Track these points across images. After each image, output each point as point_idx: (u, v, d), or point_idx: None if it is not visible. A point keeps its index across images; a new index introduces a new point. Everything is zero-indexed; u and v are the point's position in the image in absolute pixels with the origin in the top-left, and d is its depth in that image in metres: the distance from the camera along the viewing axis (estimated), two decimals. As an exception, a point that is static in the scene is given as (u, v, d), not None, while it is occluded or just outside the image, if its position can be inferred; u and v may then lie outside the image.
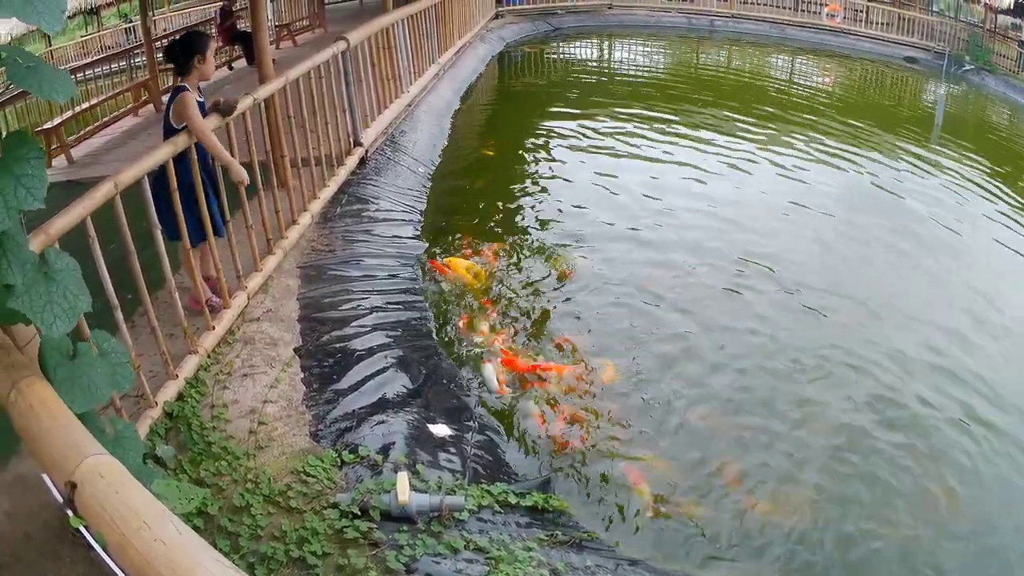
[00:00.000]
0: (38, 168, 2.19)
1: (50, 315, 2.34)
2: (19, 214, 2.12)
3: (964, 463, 5.36)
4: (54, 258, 2.45)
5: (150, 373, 4.49)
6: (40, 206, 2.17)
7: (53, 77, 2.20)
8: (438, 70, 13.33)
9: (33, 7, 1.97)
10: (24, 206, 2.13)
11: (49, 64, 2.28)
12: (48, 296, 2.36)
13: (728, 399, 5.88)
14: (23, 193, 2.14)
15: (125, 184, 4.11)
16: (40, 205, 2.17)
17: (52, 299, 2.37)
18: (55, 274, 2.42)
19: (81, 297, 2.46)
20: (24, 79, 2.12)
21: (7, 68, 2.12)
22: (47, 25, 2.01)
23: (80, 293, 2.47)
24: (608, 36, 23.72)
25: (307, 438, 4.50)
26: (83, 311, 2.45)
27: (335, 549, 3.66)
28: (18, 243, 2.26)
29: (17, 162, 2.15)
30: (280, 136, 6.85)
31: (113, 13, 34.57)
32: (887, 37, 22.95)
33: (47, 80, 2.18)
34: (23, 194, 2.14)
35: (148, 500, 1.82)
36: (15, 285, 2.27)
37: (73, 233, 3.59)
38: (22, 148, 2.18)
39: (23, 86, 2.14)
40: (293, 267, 6.38)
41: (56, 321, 2.35)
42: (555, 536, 4.19)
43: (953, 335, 6.95)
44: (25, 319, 2.35)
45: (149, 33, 12.82)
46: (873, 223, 9.45)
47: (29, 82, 2.13)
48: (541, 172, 10.86)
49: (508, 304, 6.91)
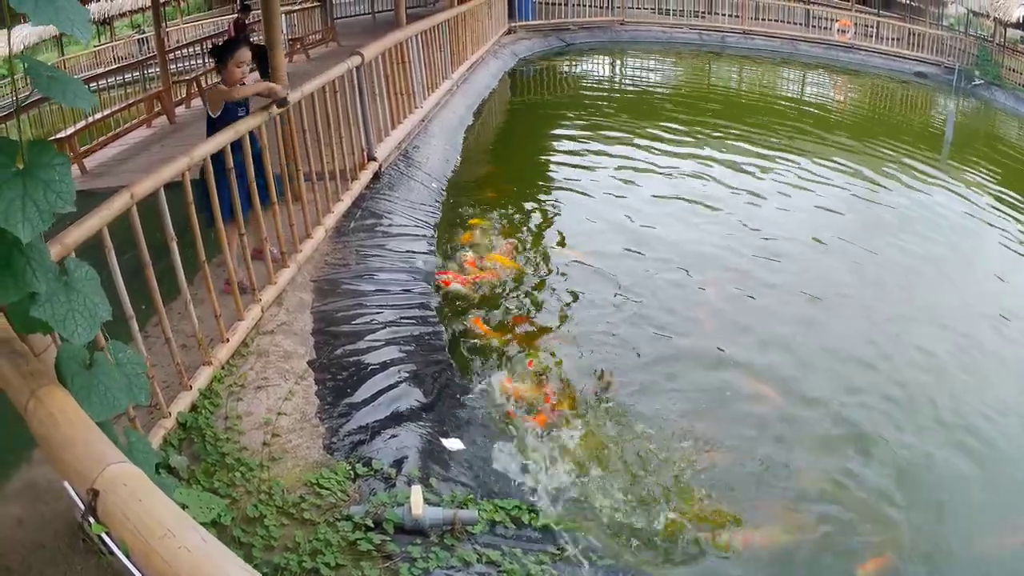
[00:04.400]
0: (64, 173, 2.20)
1: (72, 323, 2.35)
2: (52, 217, 2.14)
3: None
4: (73, 267, 2.46)
5: (164, 384, 4.50)
6: (72, 208, 2.19)
7: (73, 85, 2.22)
8: (451, 85, 13.37)
9: (66, 15, 1.99)
10: (56, 208, 2.15)
11: (67, 74, 2.30)
12: (69, 305, 2.37)
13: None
14: (53, 197, 2.15)
15: (141, 195, 4.13)
16: (71, 208, 2.19)
17: (73, 307, 2.37)
18: (75, 283, 2.42)
19: (101, 305, 2.46)
20: (49, 88, 2.14)
21: (32, 77, 2.13)
22: (80, 33, 2.04)
23: (100, 301, 2.47)
24: (620, 52, 23.79)
25: (321, 450, 4.49)
26: (104, 319, 2.45)
27: (348, 561, 3.65)
28: (41, 251, 2.28)
29: (43, 168, 2.16)
30: (295, 150, 6.87)
31: (126, 23, 34.84)
32: (897, 52, 22.99)
33: (69, 89, 2.20)
34: (53, 198, 2.15)
35: (171, 508, 1.83)
36: (39, 293, 2.28)
37: (88, 243, 3.60)
38: (46, 155, 2.20)
39: (49, 94, 2.14)
40: (307, 281, 6.39)
41: (78, 329, 2.35)
42: (566, 551, 4.18)
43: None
44: (45, 327, 2.36)
45: (162, 44, 12.92)
46: (883, 240, 9.44)
47: (53, 91, 2.15)
48: (553, 188, 10.86)
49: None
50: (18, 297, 2.24)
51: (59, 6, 1.97)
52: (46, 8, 1.94)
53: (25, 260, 2.21)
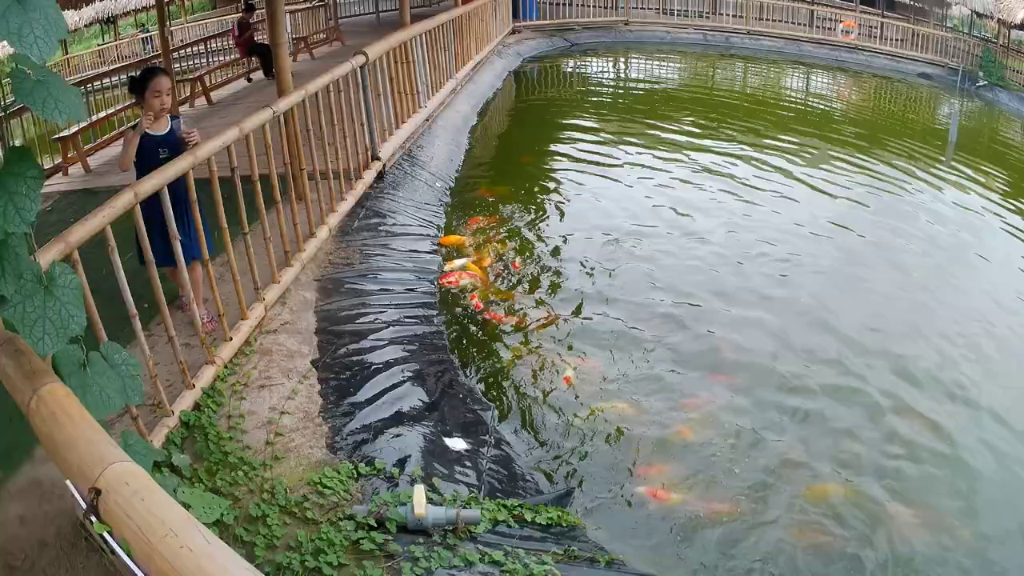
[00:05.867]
0: (33, 188, 2.14)
1: (40, 331, 2.31)
2: (3, 235, 2.06)
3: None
4: (59, 273, 2.43)
5: (167, 382, 4.49)
6: (26, 230, 2.09)
7: (62, 93, 2.14)
8: (455, 85, 13.38)
9: (30, 30, 1.91)
10: (10, 228, 2.07)
11: (61, 78, 2.23)
12: (43, 311, 2.33)
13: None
14: (12, 212, 2.08)
15: (145, 194, 4.13)
16: (26, 229, 2.10)
17: (46, 315, 2.33)
18: (56, 289, 2.39)
19: (76, 318, 2.42)
20: (28, 94, 2.05)
21: (14, 82, 2.06)
22: (42, 52, 1.94)
23: (76, 313, 2.42)
24: (624, 52, 23.78)
25: (324, 450, 4.49)
26: (75, 333, 2.41)
27: (351, 560, 3.65)
28: (17, 254, 2.23)
29: (14, 178, 2.10)
30: (299, 149, 6.88)
31: (130, 22, 34.90)
32: (901, 53, 23.00)
33: (53, 96, 2.11)
34: (12, 213, 2.07)
35: (174, 508, 1.82)
36: (7, 296, 2.25)
37: (90, 242, 3.60)
38: (22, 165, 2.13)
39: (26, 102, 2.06)
40: (311, 280, 6.39)
41: (45, 338, 2.31)
42: (570, 551, 4.17)
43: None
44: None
45: (167, 43, 12.89)
46: (892, 239, 9.43)
47: (33, 98, 2.06)
48: (557, 187, 10.84)
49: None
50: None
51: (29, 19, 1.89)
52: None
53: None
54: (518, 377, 6.09)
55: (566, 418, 5.61)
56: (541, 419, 5.61)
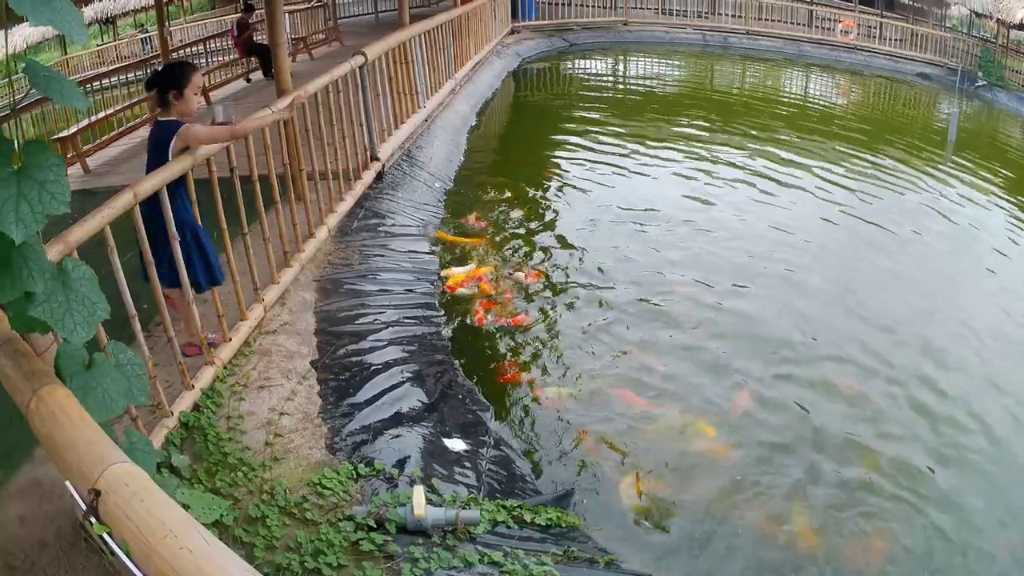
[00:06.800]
0: (59, 174, 2.20)
1: (71, 322, 2.35)
2: (46, 218, 2.13)
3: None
4: (71, 267, 2.46)
5: (166, 383, 4.49)
6: (66, 210, 2.19)
7: (69, 89, 2.22)
8: (454, 85, 13.38)
9: (63, 16, 1.99)
10: (50, 210, 2.15)
11: (64, 76, 2.30)
12: (67, 304, 2.37)
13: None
14: (48, 198, 2.16)
15: (144, 195, 4.12)
16: (66, 209, 2.19)
17: (71, 307, 2.38)
18: (72, 282, 2.43)
19: (99, 304, 2.47)
20: (46, 87, 2.14)
21: (29, 76, 2.14)
22: (76, 35, 2.05)
23: (99, 300, 2.47)
24: (623, 52, 23.79)
25: (323, 451, 4.49)
26: (102, 318, 2.45)
27: (350, 561, 3.65)
28: (37, 252, 2.27)
29: (39, 169, 2.17)
30: (298, 149, 6.87)
31: (129, 23, 34.89)
32: (900, 53, 23.02)
33: (65, 91, 2.20)
34: (48, 199, 2.16)
35: (173, 509, 1.82)
36: (36, 293, 2.27)
37: (89, 242, 3.60)
38: (42, 156, 2.20)
39: (46, 93, 2.15)
40: (310, 280, 6.39)
41: (77, 328, 2.36)
42: (570, 552, 4.17)
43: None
44: (43, 327, 2.36)
45: (166, 44, 12.90)
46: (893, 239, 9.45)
47: (50, 88, 2.15)
48: (557, 187, 10.83)
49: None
50: (15, 296, 2.24)
51: (56, 7, 1.97)
52: (43, 9, 1.94)
53: (22, 260, 2.21)
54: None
55: (566, 419, 5.61)
56: (541, 420, 5.60)
